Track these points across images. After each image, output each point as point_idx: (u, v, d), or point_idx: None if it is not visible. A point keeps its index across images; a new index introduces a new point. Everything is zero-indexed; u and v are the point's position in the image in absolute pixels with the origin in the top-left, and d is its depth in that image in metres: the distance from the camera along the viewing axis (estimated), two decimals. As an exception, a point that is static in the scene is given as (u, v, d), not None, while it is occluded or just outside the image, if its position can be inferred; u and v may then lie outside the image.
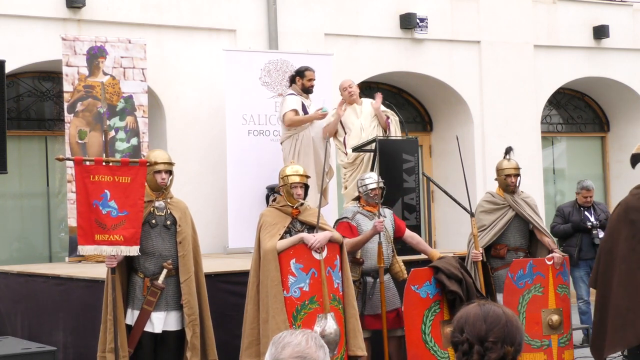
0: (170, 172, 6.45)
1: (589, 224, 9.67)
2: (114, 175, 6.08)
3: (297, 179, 6.65)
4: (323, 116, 8.83)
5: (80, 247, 6.12)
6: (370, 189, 7.27)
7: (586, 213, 9.78)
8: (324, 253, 6.45)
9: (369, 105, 9.23)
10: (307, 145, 8.80)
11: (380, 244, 7.02)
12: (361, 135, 8.89)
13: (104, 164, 6.15)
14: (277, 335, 2.78)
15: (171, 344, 6.34)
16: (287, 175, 6.67)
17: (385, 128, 9.04)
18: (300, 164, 8.14)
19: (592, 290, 9.99)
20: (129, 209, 6.07)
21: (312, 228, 6.58)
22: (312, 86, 8.98)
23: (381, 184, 7.33)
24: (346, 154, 9.03)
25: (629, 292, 7.38)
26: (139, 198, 6.12)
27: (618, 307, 7.41)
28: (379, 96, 9.21)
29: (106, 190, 6.05)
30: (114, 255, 6.06)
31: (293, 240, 6.45)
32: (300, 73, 9.03)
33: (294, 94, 8.96)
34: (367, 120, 9.08)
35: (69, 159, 7.51)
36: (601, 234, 9.66)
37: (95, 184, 6.04)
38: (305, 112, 8.85)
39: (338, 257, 6.61)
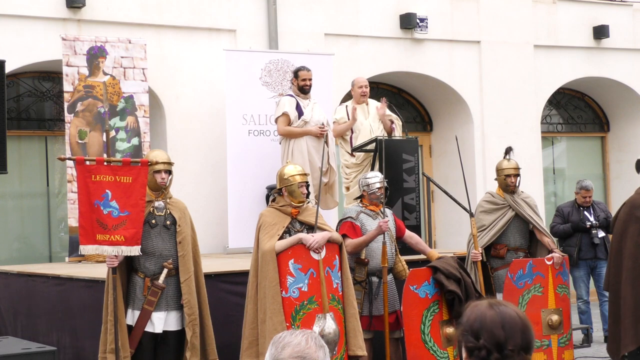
0: (169, 172, 6.45)
1: (588, 223, 9.67)
2: (116, 175, 6.08)
3: (304, 178, 6.67)
4: (321, 134, 8.79)
5: (81, 247, 6.11)
6: (377, 188, 7.27)
7: (585, 213, 9.79)
8: (323, 253, 6.45)
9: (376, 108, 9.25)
10: (301, 145, 8.79)
11: (384, 243, 7.03)
12: (370, 136, 8.90)
13: (105, 164, 6.15)
14: (277, 335, 2.77)
15: (171, 343, 6.34)
16: (292, 175, 6.65)
17: (390, 133, 9.04)
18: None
19: (592, 290, 10.02)
20: (130, 209, 6.07)
21: (311, 228, 6.57)
22: (307, 86, 8.93)
23: (385, 184, 7.34)
24: (353, 155, 9.04)
25: (636, 290, 7.37)
26: (140, 198, 6.12)
27: (627, 305, 7.39)
28: (383, 101, 9.21)
29: (107, 190, 6.05)
30: (115, 255, 6.06)
31: (291, 241, 6.45)
32: (295, 73, 9.04)
33: (290, 95, 8.96)
34: (376, 122, 9.11)
35: (70, 159, 7.51)
36: (600, 234, 9.67)
37: (96, 183, 6.04)
38: (300, 112, 8.83)
39: (337, 257, 6.61)
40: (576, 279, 9.75)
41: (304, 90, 8.91)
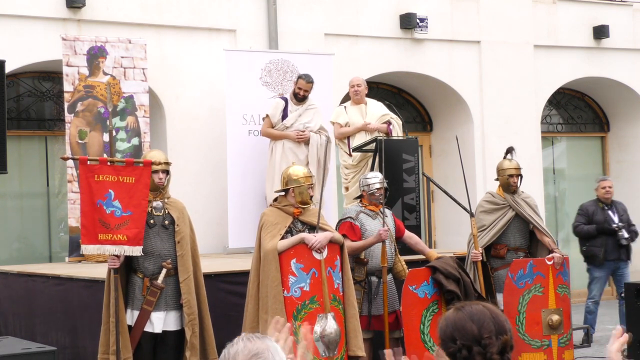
0: (167, 172, 6.45)
1: (614, 225, 9.63)
2: (119, 175, 6.09)
3: (310, 180, 6.70)
4: (301, 138, 8.87)
5: (83, 247, 6.11)
6: (376, 189, 7.28)
7: (609, 212, 9.74)
8: (325, 253, 6.45)
9: (376, 107, 9.24)
10: (279, 148, 8.94)
11: (384, 243, 7.04)
12: (366, 136, 8.91)
13: (108, 163, 6.15)
14: (221, 355, 2.77)
15: (171, 343, 6.34)
16: (300, 177, 6.66)
17: (388, 135, 9.05)
18: (273, 164, 8.73)
19: (607, 289, 9.98)
20: (133, 209, 6.07)
21: (312, 228, 6.58)
22: (300, 95, 9.02)
23: (385, 184, 7.34)
24: (350, 155, 9.05)
25: None
26: (143, 198, 6.13)
27: None
28: (369, 126, 9.14)
29: (110, 190, 6.05)
30: (116, 256, 6.06)
31: (294, 241, 6.45)
32: (297, 78, 9.15)
33: (283, 98, 9.10)
34: (373, 122, 9.09)
35: (74, 159, 7.50)
36: (626, 235, 9.64)
37: (99, 183, 6.04)
38: (285, 114, 8.93)
39: (338, 257, 6.62)
40: (595, 278, 9.71)
41: (297, 97, 9.01)
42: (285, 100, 9.08)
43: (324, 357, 6.35)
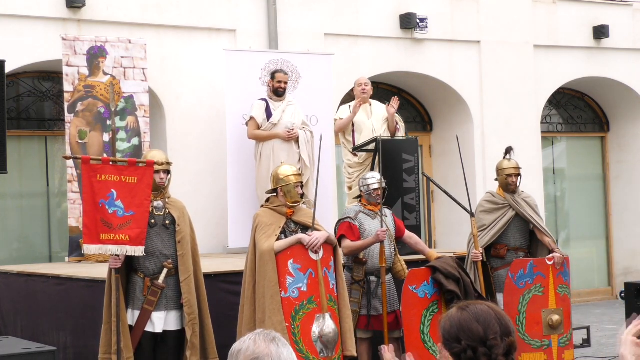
0: (168, 172, 6.45)
1: None
2: (121, 175, 6.09)
3: (299, 178, 6.69)
4: (290, 137, 8.87)
5: (85, 246, 6.10)
6: (373, 189, 7.28)
7: None
8: (321, 253, 6.46)
9: (381, 108, 9.26)
10: (268, 148, 8.92)
11: (382, 243, 7.04)
12: (373, 136, 8.92)
13: (111, 163, 6.15)
14: (232, 348, 2.80)
15: (171, 343, 6.35)
16: (287, 176, 6.68)
17: (394, 133, 9.06)
18: (263, 166, 8.71)
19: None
20: (135, 209, 6.07)
21: (305, 228, 6.59)
22: (281, 88, 9.04)
23: (383, 184, 7.34)
24: (355, 154, 9.06)
25: None
26: (145, 198, 6.13)
27: None
28: (395, 101, 9.21)
29: (113, 190, 6.05)
30: (117, 256, 6.06)
31: (290, 241, 6.45)
32: (271, 75, 9.13)
33: (262, 99, 9.07)
34: (379, 123, 9.13)
35: (76, 158, 7.49)
36: None
37: (101, 183, 6.04)
38: (269, 114, 8.92)
39: (332, 258, 6.62)
40: None
41: (277, 92, 9.02)
42: (265, 100, 9.09)
43: (323, 357, 6.35)
